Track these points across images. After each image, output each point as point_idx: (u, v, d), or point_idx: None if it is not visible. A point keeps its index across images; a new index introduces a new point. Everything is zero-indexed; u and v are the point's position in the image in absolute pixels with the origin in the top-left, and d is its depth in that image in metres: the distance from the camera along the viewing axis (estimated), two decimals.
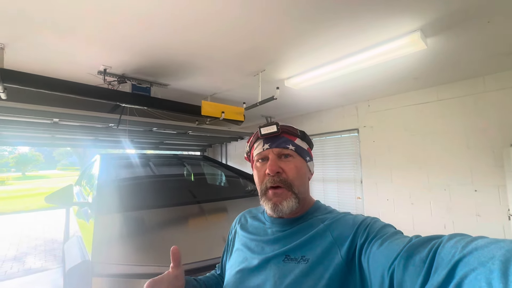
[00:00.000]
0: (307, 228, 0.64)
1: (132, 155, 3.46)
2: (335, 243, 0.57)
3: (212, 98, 3.22)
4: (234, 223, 0.83)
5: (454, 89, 2.85)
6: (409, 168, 3.16)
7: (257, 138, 0.73)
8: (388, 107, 3.40)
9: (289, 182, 0.65)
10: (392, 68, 2.40)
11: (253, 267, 0.64)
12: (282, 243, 0.64)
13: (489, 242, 0.35)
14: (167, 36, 1.79)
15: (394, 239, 0.49)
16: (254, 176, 0.73)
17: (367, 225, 0.57)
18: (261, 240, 0.68)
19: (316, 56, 2.12)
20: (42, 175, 32.68)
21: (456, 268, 0.35)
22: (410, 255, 0.43)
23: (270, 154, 0.68)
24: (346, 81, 2.75)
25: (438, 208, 2.92)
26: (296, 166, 0.67)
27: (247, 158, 0.80)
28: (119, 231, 1.56)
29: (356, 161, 3.75)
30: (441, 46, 1.93)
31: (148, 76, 2.47)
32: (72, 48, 1.92)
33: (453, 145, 2.84)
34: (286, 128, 0.70)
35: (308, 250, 0.59)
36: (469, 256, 0.35)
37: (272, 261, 0.61)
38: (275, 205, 0.64)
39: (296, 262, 0.58)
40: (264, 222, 0.73)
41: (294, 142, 0.70)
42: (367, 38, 1.83)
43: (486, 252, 0.34)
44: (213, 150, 6.56)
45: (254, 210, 0.83)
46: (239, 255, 0.70)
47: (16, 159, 34.19)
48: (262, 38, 1.82)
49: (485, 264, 0.32)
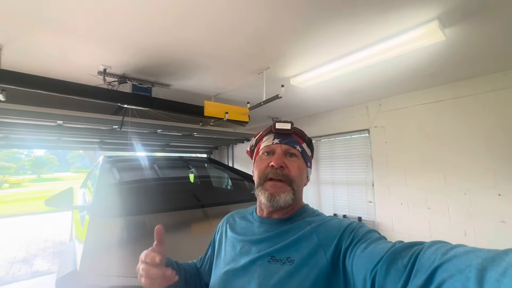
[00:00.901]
0: (294, 230, 0.64)
1: (137, 157, 3.42)
2: (320, 246, 0.58)
3: (216, 99, 3.14)
4: (222, 223, 0.83)
5: (473, 85, 2.65)
6: (425, 170, 2.96)
7: (268, 132, 0.75)
8: (401, 106, 3.22)
9: (290, 178, 0.66)
10: (405, 64, 2.24)
11: (239, 268, 0.64)
12: (268, 243, 0.64)
13: (467, 251, 0.36)
14: (167, 34, 1.71)
15: (378, 243, 0.50)
16: (254, 167, 0.73)
17: (353, 229, 0.57)
18: (248, 240, 0.68)
19: (324, 51, 1.99)
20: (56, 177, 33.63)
21: (435, 274, 0.36)
22: (392, 260, 0.44)
23: (278, 149, 0.70)
24: (355, 78, 2.60)
25: (457, 213, 2.71)
26: (299, 166, 0.69)
27: (250, 152, 0.81)
28: (114, 238, 1.47)
29: (367, 163, 3.58)
30: (461, 37, 1.77)
31: (149, 76, 2.40)
32: (70, 48, 1.87)
33: (473, 145, 2.63)
34: (297, 130, 0.74)
35: (293, 252, 0.59)
36: (448, 263, 0.36)
37: (258, 262, 0.62)
38: (272, 195, 0.65)
39: (281, 263, 0.58)
40: (253, 222, 0.73)
41: (302, 145, 0.72)
42: (380, 30, 1.69)
43: (464, 260, 0.35)
44: (220, 152, 6.49)
45: (242, 210, 0.83)
46: (226, 256, 0.70)
47: (32, 161, 35.35)
48: (266, 33, 1.72)
49: (463, 271, 0.34)
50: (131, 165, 2.87)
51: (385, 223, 3.27)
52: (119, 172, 2.49)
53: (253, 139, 0.80)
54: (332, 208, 3.99)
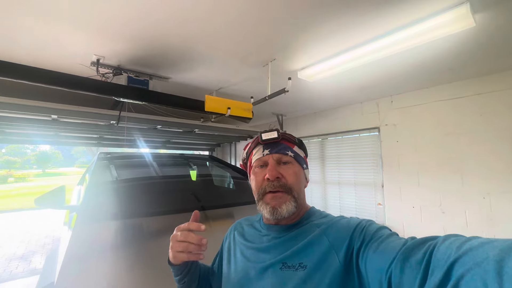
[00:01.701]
0: (303, 234, 0.63)
1: (135, 155, 3.29)
2: (332, 248, 0.56)
3: (218, 93, 2.97)
4: (230, 231, 0.82)
5: (495, 81, 2.44)
6: (440, 171, 2.77)
7: (256, 144, 0.73)
8: (415, 103, 3.02)
9: (288, 186, 0.65)
10: (423, 56, 2.04)
11: (250, 276, 0.63)
12: (278, 250, 0.63)
13: (483, 242, 0.35)
14: (165, 21, 1.55)
15: (390, 241, 0.49)
16: (251, 182, 0.72)
17: (363, 228, 0.56)
18: (257, 248, 0.68)
19: (334, 41, 1.81)
20: (61, 172, 33.93)
21: (453, 269, 0.35)
22: (406, 258, 0.43)
23: (270, 160, 0.68)
24: (367, 72, 2.41)
25: (476, 218, 2.52)
26: (295, 172, 0.68)
27: (243, 165, 0.80)
28: (102, 246, 1.32)
29: (376, 163, 3.39)
30: (493, 24, 1.56)
31: (146, 68, 2.24)
32: (59, 36, 1.71)
33: (495, 146, 2.43)
34: (285, 135, 0.73)
35: (305, 257, 0.58)
36: (464, 257, 0.35)
37: (269, 269, 0.61)
38: (274, 209, 0.63)
39: (293, 270, 0.57)
40: (260, 230, 0.72)
41: (293, 149, 0.71)
42: (398, 17, 1.50)
43: (481, 252, 0.34)
44: (222, 149, 6.34)
45: (250, 217, 0.82)
46: (238, 265, 0.69)
47: (37, 156, 35.70)
48: (272, 21, 1.54)
49: (480, 264, 0.33)
50: (128, 162, 2.73)
51: (396, 227, 3.08)
52: (115, 170, 2.35)
53: (243, 151, 0.78)
54: (339, 210, 3.82)
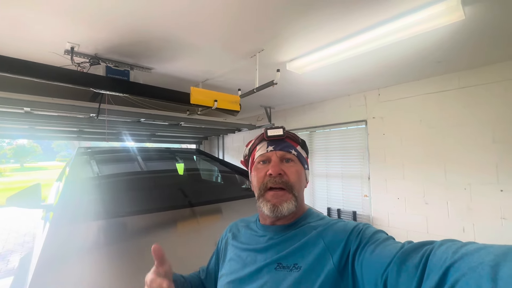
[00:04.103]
0: (299, 235, 0.62)
1: (118, 149, 3.15)
2: (327, 250, 0.56)
3: (204, 85, 2.87)
4: (225, 232, 0.82)
5: (480, 74, 2.49)
6: (424, 163, 2.83)
7: (261, 140, 0.73)
8: (401, 96, 3.04)
9: (290, 184, 0.65)
10: (412, 49, 2.03)
11: (245, 277, 0.63)
12: (274, 250, 0.62)
13: (479, 248, 0.36)
14: (145, 7, 1.43)
15: (386, 244, 0.49)
16: (252, 178, 0.72)
17: (360, 231, 0.56)
18: (253, 249, 0.67)
19: (324, 32, 1.75)
20: (40, 167, 32.53)
21: (448, 273, 0.35)
22: (403, 261, 0.43)
23: (273, 156, 0.69)
24: (355, 65, 2.39)
25: (456, 209, 2.61)
26: (297, 171, 0.68)
27: (244, 162, 0.80)
28: (79, 249, 1.24)
29: (363, 155, 3.43)
30: (481, 18, 1.56)
31: (126, 57, 2.11)
32: (27, 21, 1.56)
33: (477, 138, 2.50)
34: (290, 134, 0.73)
35: (300, 258, 0.58)
36: (460, 262, 0.35)
37: (264, 269, 0.60)
38: (275, 206, 0.63)
39: (288, 270, 0.57)
40: (256, 231, 0.72)
41: (296, 148, 0.71)
42: (389, 8, 1.47)
43: (476, 258, 0.34)
44: (210, 142, 6.24)
45: (246, 219, 0.82)
46: (231, 266, 0.68)
47: (14, 150, 33.98)
48: (259, 9, 1.46)
49: (475, 269, 0.33)
50: (110, 157, 2.60)
51: (381, 218, 3.16)
52: (95, 165, 2.23)
53: (245, 148, 0.78)
54: (326, 202, 3.86)
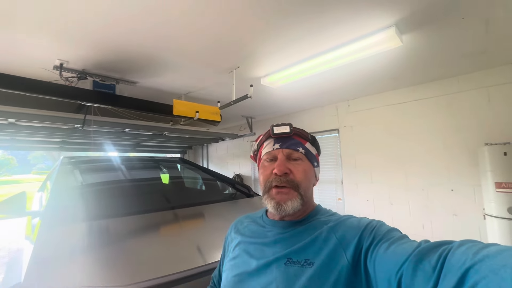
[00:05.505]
0: (309, 230, 0.62)
1: (102, 158, 3.23)
2: (340, 245, 0.55)
3: (187, 97, 3.06)
4: (230, 229, 0.81)
5: (430, 89, 2.86)
6: (389, 168, 3.14)
7: (267, 137, 0.72)
8: (367, 107, 3.38)
9: (296, 183, 0.64)
10: (369, 67, 2.35)
11: (252, 271, 0.61)
12: (283, 245, 0.61)
13: (501, 250, 0.35)
14: (131, 28, 1.63)
15: (401, 243, 0.48)
16: (259, 175, 0.71)
17: (373, 227, 0.56)
18: (261, 243, 0.66)
19: (291, 52, 2.02)
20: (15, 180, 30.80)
21: (467, 276, 0.34)
22: (419, 261, 0.42)
23: (280, 154, 0.67)
24: (324, 79, 2.68)
25: (416, 208, 2.91)
26: (304, 169, 0.66)
27: (253, 157, 0.79)
28: (68, 245, 1.37)
29: (337, 161, 3.71)
30: (417, 44, 1.89)
31: (113, 72, 2.28)
32: (19, 40, 1.71)
33: (431, 145, 2.84)
34: (298, 130, 0.70)
35: (311, 253, 0.57)
36: (480, 264, 0.34)
37: (273, 264, 0.59)
38: (278, 204, 0.62)
39: (299, 266, 0.56)
40: (264, 226, 0.71)
41: (304, 145, 0.69)
42: (342, 34, 1.75)
43: (498, 260, 0.33)
44: (194, 152, 6.36)
45: (251, 215, 0.81)
46: (237, 261, 0.67)
47: None
48: (232, 33, 1.70)
49: (497, 272, 0.32)
50: (94, 166, 2.70)
51: None
52: (80, 174, 2.33)
53: (254, 143, 0.77)
54: None
